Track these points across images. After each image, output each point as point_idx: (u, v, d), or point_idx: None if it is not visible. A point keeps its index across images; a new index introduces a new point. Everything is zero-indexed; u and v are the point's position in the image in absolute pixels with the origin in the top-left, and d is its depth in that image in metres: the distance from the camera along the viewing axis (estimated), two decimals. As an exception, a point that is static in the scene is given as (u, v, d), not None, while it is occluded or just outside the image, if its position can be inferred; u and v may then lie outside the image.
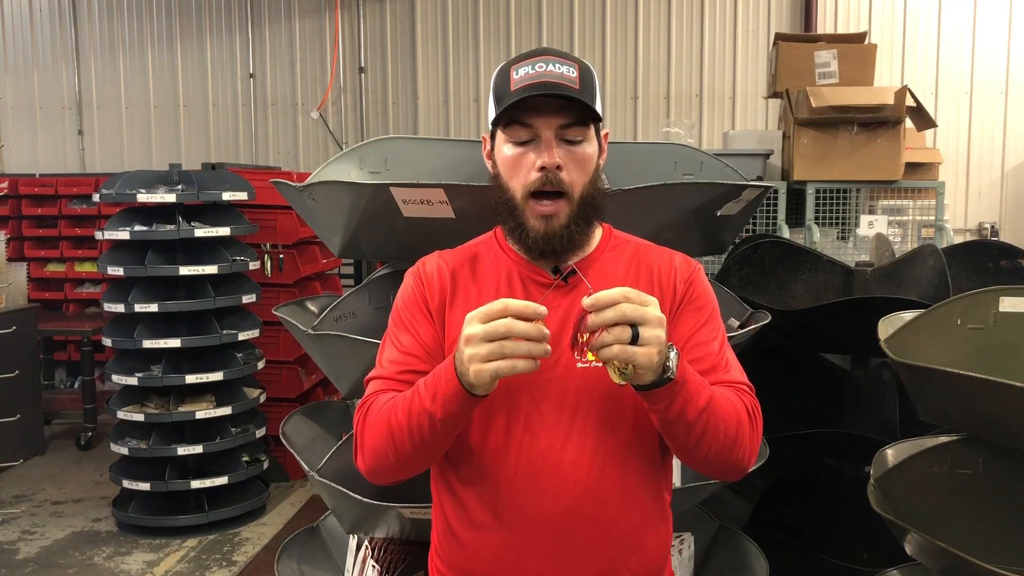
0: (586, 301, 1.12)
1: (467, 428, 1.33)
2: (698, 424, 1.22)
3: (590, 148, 1.35)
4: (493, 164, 1.41)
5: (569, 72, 1.32)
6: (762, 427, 1.34)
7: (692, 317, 1.38)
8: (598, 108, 1.35)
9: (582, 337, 1.15)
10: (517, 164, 1.34)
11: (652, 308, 1.14)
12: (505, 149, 1.35)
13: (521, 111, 1.31)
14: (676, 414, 1.21)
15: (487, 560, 1.34)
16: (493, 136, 1.40)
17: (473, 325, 1.13)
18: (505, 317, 1.11)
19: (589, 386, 1.31)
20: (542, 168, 1.31)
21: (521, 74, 1.32)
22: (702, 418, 1.22)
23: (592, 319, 1.12)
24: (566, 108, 1.31)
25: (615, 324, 1.11)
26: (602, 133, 1.41)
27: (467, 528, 1.36)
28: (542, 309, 1.12)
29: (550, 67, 1.31)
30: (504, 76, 1.35)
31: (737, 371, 1.37)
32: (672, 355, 1.17)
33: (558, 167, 1.31)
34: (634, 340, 1.11)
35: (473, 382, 1.14)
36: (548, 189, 1.32)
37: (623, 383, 1.16)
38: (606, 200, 1.41)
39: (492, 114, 1.37)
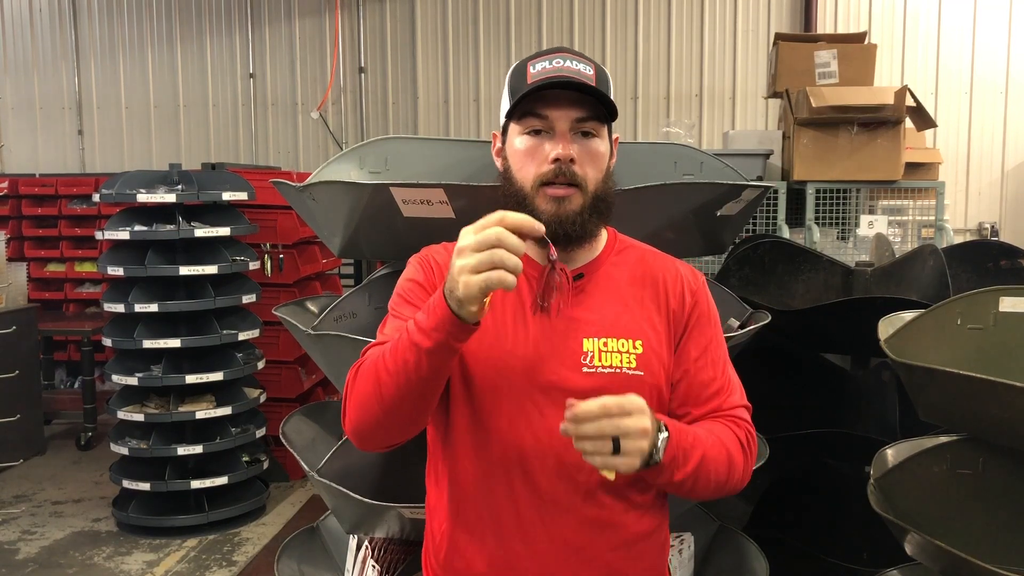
0: (568, 415, 1.14)
1: (467, 427, 1.33)
2: (687, 482, 1.27)
3: (603, 145, 1.35)
4: (503, 160, 1.39)
5: (586, 70, 1.32)
6: (756, 451, 1.38)
7: (701, 335, 1.39)
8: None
9: (542, 301, 1.29)
10: (530, 155, 1.33)
11: (635, 419, 1.15)
12: (517, 141, 1.35)
13: (537, 103, 1.31)
14: (664, 482, 1.27)
15: (484, 562, 1.33)
16: (504, 132, 1.39)
17: (467, 236, 1.10)
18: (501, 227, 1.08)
19: (594, 389, 1.29)
20: (555, 160, 1.30)
21: (538, 68, 1.32)
22: (691, 476, 1.26)
23: (573, 430, 1.14)
24: (582, 102, 1.31)
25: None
26: (613, 137, 1.41)
27: (464, 530, 1.35)
28: (539, 225, 1.10)
29: (567, 63, 1.32)
30: (520, 71, 1.35)
31: (738, 393, 1.40)
32: (660, 439, 1.20)
33: (571, 160, 1.30)
34: (616, 449, 1.14)
35: (461, 297, 1.09)
36: (561, 181, 1.31)
37: (611, 478, 1.19)
38: (615, 202, 1.40)
39: (506, 108, 1.37)
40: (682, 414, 1.37)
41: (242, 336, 4.07)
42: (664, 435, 1.20)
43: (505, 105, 1.38)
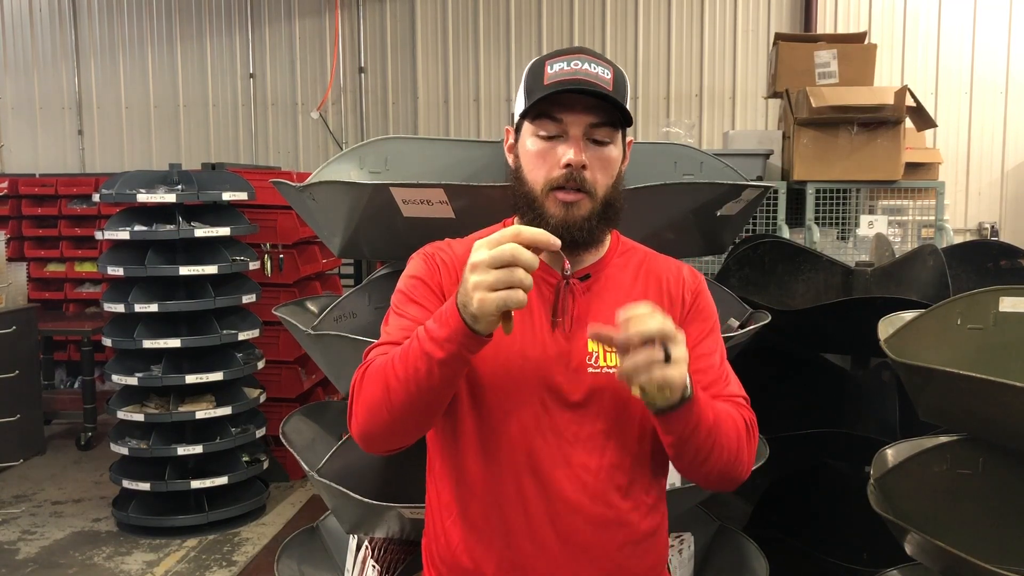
0: (621, 316, 1.10)
1: (474, 427, 1.33)
2: (707, 441, 1.24)
3: (615, 151, 1.35)
4: (515, 158, 1.39)
5: (604, 73, 1.31)
6: (757, 439, 1.37)
7: (697, 329, 1.39)
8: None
9: (556, 317, 1.25)
10: (542, 158, 1.33)
11: (671, 324, 1.12)
12: (529, 142, 1.34)
13: (552, 105, 1.31)
14: (690, 433, 1.22)
15: (494, 563, 1.34)
16: (518, 129, 1.39)
17: (481, 251, 1.08)
18: (516, 243, 1.07)
19: (599, 389, 1.31)
20: (567, 165, 1.30)
21: (556, 69, 1.32)
22: (711, 435, 1.23)
23: (624, 337, 1.10)
24: (597, 108, 1.31)
25: (647, 343, 1.09)
26: (627, 140, 1.41)
27: (472, 530, 1.35)
28: (555, 240, 1.10)
29: (585, 66, 1.31)
30: (537, 70, 1.34)
31: (735, 384, 1.39)
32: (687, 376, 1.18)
33: (583, 166, 1.30)
34: (667, 359, 1.10)
35: (476, 313, 1.08)
36: (571, 187, 1.31)
37: (663, 405, 1.15)
38: (624, 207, 1.40)
39: (520, 106, 1.36)
40: None
41: (242, 336, 4.07)
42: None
43: (520, 103, 1.37)
